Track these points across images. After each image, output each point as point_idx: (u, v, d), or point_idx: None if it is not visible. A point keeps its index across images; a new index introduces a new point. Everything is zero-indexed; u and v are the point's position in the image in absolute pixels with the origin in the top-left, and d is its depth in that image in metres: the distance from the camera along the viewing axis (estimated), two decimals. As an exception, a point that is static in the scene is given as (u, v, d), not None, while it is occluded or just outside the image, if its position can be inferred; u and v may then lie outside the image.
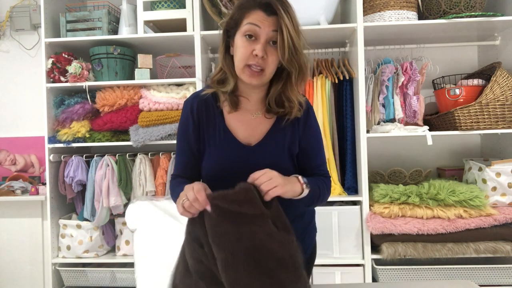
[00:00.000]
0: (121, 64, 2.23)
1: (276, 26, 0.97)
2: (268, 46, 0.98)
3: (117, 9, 2.33)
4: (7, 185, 2.44)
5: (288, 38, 0.96)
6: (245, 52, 0.98)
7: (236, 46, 1.01)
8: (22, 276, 2.52)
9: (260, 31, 0.97)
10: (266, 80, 1.02)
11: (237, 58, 1.01)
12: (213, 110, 1.10)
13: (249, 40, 0.98)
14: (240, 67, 1.00)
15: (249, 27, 0.98)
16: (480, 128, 1.99)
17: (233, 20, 1.02)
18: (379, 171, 2.19)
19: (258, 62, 0.98)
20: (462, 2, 2.05)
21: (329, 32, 2.12)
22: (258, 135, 1.08)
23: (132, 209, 2.06)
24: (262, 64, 0.98)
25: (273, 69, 1.01)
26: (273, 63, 1.00)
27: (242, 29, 0.99)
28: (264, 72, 0.99)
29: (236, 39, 1.01)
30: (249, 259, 0.81)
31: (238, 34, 1.01)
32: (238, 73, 1.02)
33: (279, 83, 1.05)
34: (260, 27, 0.97)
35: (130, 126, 2.18)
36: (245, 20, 0.99)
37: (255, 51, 0.97)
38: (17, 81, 2.63)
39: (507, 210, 1.94)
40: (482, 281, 1.96)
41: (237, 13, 1.01)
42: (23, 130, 2.63)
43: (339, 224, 2.06)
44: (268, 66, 0.99)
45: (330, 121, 2.16)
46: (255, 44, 0.98)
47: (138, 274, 1.83)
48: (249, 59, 0.98)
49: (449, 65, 2.39)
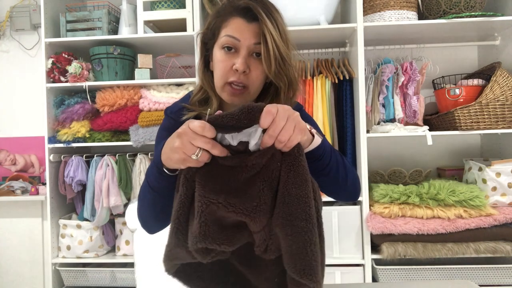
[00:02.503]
0: (121, 64, 2.23)
1: (258, 38, 0.82)
2: (251, 59, 0.84)
3: (117, 9, 2.33)
4: (7, 185, 2.44)
5: (273, 48, 0.80)
6: (224, 67, 0.83)
7: (215, 60, 0.87)
8: (22, 276, 2.52)
9: (239, 43, 0.82)
10: (251, 98, 0.87)
11: (216, 74, 0.86)
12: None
13: (228, 53, 0.84)
14: (219, 85, 0.86)
15: (226, 39, 0.83)
16: (480, 128, 1.99)
17: (210, 30, 0.88)
18: (379, 171, 2.19)
19: (240, 78, 0.83)
20: (462, 2, 2.05)
21: (329, 32, 2.12)
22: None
23: (132, 209, 2.05)
24: (245, 80, 0.83)
25: (259, 85, 0.87)
26: (257, 79, 0.85)
27: (220, 41, 0.85)
28: (247, 89, 0.85)
29: (215, 52, 0.87)
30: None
31: (216, 47, 0.86)
32: (219, 92, 0.87)
33: (267, 98, 0.90)
34: (239, 40, 0.82)
35: (130, 126, 2.18)
36: (223, 30, 0.84)
37: (235, 65, 0.82)
38: (17, 81, 2.63)
39: (507, 210, 1.94)
40: (482, 281, 1.96)
41: (214, 21, 0.87)
42: (23, 130, 2.63)
43: (339, 224, 2.06)
44: (252, 82, 0.85)
45: (330, 121, 2.16)
46: (235, 58, 0.83)
47: (138, 274, 1.83)
48: (229, 76, 0.83)
49: (449, 65, 2.39)
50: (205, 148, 0.62)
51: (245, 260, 0.75)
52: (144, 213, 0.84)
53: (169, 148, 0.66)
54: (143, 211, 0.84)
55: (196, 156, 0.63)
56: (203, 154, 0.63)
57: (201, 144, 0.62)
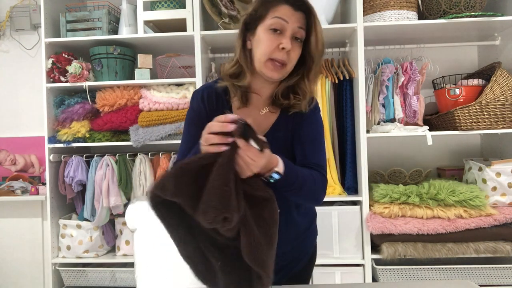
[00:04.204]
0: (121, 64, 2.23)
1: (301, 23, 0.98)
2: (293, 41, 0.98)
3: (117, 9, 2.33)
4: (7, 185, 2.44)
5: (320, 31, 0.98)
6: (270, 45, 0.97)
7: (259, 39, 1.00)
8: (22, 276, 2.52)
9: (287, 25, 0.97)
10: (286, 74, 1.02)
11: (259, 51, 0.99)
12: (222, 103, 1.08)
13: (274, 33, 0.97)
14: (262, 61, 0.99)
15: (275, 20, 0.97)
16: (480, 128, 1.99)
17: (257, 13, 1.01)
18: (379, 171, 2.19)
19: (283, 56, 0.97)
20: (462, 2, 2.05)
21: (329, 32, 2.12)
22: (263, 131, 1.06)
23: (132, 209, 2.06)
24: (286, 58, 0.98)
25: (293, 65, 1.01)
26: (295, 59, 1.00)
27: (267, 23, 0.98)
28: (285, 66, 0.99)
29: (258, 33, 1.00)
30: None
31: (260, 28, 0.99)
32: (259, 67, 1.00)
33: (294, 77, 1.04)
34: (287, 22, 0.96)
35: (130, 126, 2.18)
36: (271, 13, 0.98)
37: (282, 44, 0.96)
38: (17, 81, 2.63)
39: (507, 210, 1.94)
40: (482, 281, 1.96)
41: (262, 6, 1.00)
42: (23, 130, 2.63)
43: (339, 224, 2.06)
44: (291, 61, 0.99)
45: (330, 121, 2.16)
46: (282, 38, 0.97)
47: (138, 274, 1.83)
48: (273, 53, 0.97)
49: (449, 65, 2.39)
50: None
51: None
52: None
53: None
54: None
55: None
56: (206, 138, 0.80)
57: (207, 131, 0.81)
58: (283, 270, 1.14)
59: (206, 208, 0.75)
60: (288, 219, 1.10)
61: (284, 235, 1.01)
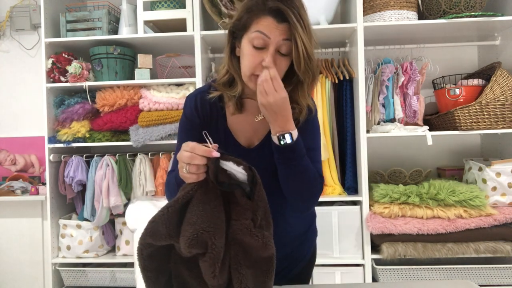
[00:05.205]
0: (121, 64, 2.23)
1: (287, 35, 0.90)
2: (277, 55, 0.92)
3: (117, 9, 2.33)
4: (7, 185, 2.44)
5: (302, 50, 0.89)
6: (252, 61, 0.92)
7: (243, 52, 0.95)
8: (22, 276, 2.52)
9: (269, 41, 0.90)
10: None
11: (244, 65, 0.95)
12: (216, 110, 1.05)
13: (257, 49, 0.92)
14: (247, 75, 0.95)
15: (257, 35, 0.91)
16: (480, 128, 2.00)
17: (240, 22, 0.95)
18: (379, 171, 2.19)
19: None
20: (462, 2, 2.05)
21: (329, 32, 2.12)
22: (259, 137, 1.05)
23: (132, 209, 2.06)
24: None
25: (280, 77, 0.95)
26: (281, 72, 0.94)
27: (249, 36, 0.92)
28: None
29: (243, 44, 0.95)
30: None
31: (245, 39, 0.94)
32: (245, 80, 0.96)
33: (288, 87, 0.97)
34: (269, 38, 0.90)
35: (130, 126, 2.18)
36: (254, 26, 0.91)
37: (264, 62, 0.90)
38: (17, 81, 2.63)
39: (507, 210, 1.94)
40: (482, 281, 1.97)
41: (245, 16, 0.94)
42: (23, 130, 2.63)
43: (339, 224, 2.06)
44: None
45: (330, 121, 2.16)
46: (264, 54, 0.91)
47: (138, 274, 1.83)
48: (256, 69, 0.92)
49: (449, 65, 2.39)
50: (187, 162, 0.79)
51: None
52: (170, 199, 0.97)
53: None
54: (169, 197, 1.02)
55: (185, 170, 0.79)
56: (190, 167, 0.79)
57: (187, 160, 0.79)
58: (283, 271, 1.14)
59: (185, 229, 0.78)
60: (287, 222, 1.09)
61: (283, 238, 1.00)
